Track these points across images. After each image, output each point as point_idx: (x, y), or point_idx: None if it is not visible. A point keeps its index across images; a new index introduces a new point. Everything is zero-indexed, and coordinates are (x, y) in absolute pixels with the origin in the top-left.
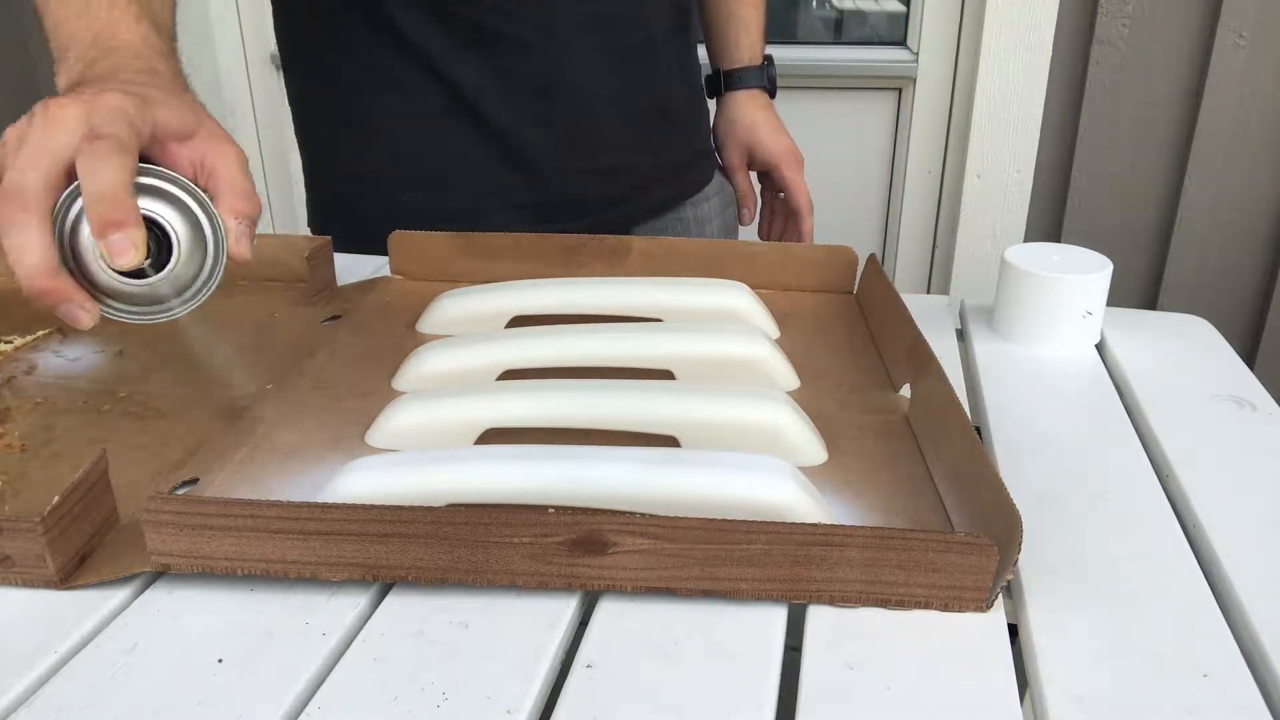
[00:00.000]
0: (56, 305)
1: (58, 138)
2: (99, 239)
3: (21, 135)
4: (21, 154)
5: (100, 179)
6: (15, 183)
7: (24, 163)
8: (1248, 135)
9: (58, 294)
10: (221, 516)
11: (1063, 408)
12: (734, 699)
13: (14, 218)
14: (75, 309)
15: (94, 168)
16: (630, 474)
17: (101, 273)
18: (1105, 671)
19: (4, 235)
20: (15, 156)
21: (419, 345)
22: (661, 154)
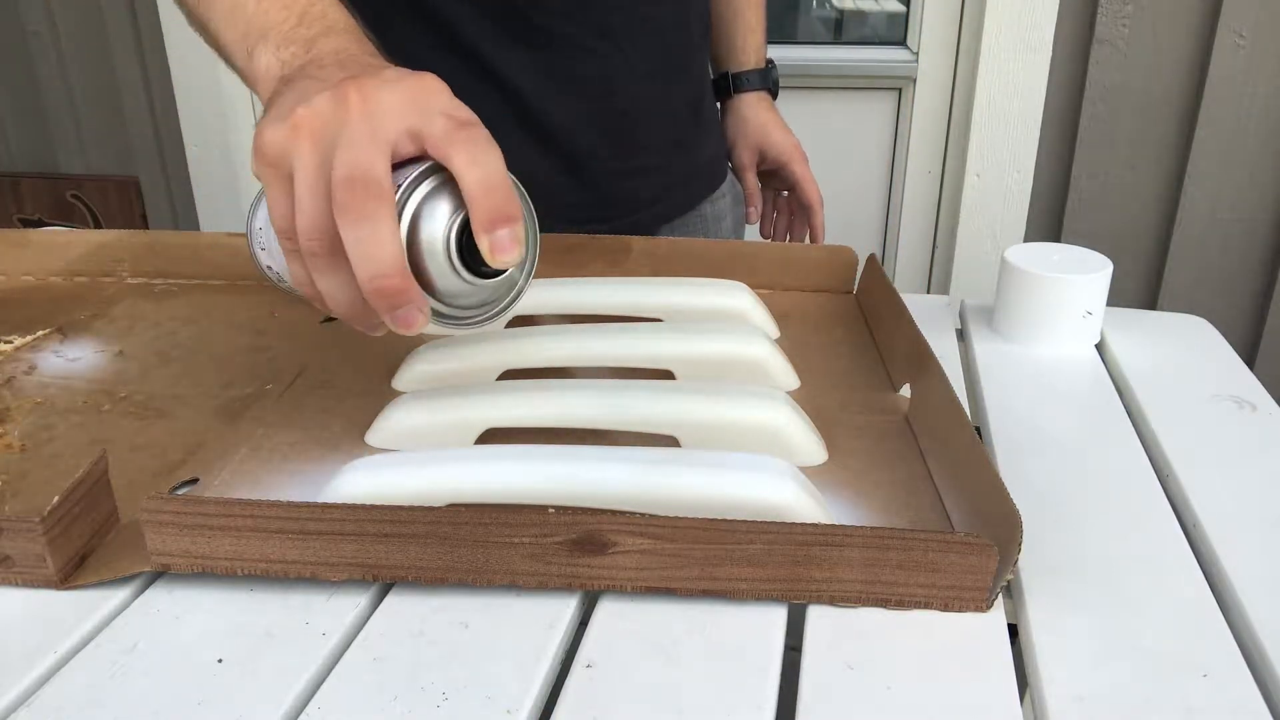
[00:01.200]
0: (396, 308)
1: (387, 125)
2: (484, 233)
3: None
4: (354, 142)
5: (488, 169)
6: (363, 169)
7: (363, 151)
8: (1248, 135)
9: (403, 295)
10: (221, 516)
11: (1063, 408)
12: (734, 699)
13: (368, 208)
14: (414, 312)
15: (478, 157)
16: (630, 474)
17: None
18: (1105, 671)
19: (353, 226)
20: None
21: (419, 345)
22: (691, 153)
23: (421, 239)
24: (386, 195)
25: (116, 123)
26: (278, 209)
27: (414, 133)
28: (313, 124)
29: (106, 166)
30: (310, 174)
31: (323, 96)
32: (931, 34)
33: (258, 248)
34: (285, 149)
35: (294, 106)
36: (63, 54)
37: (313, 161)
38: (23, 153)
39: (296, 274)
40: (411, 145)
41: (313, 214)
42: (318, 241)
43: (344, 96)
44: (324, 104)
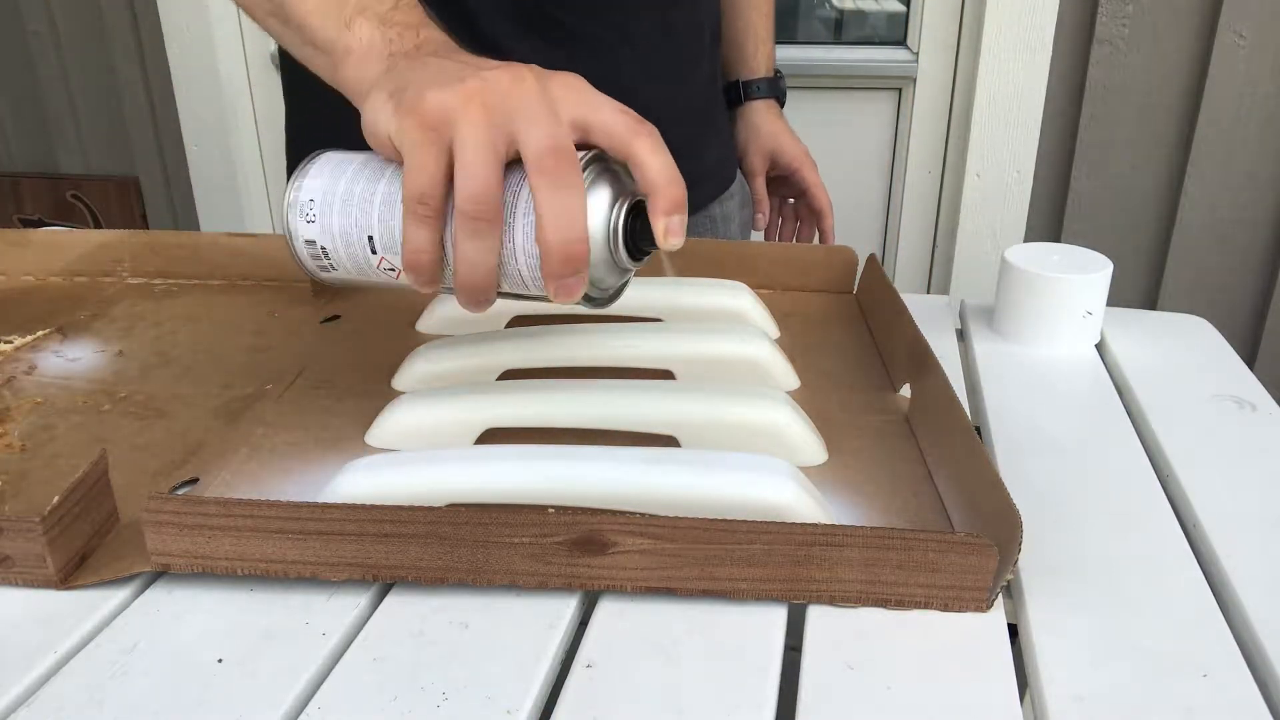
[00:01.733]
0: (573, 274)
1: (562, 111)
2: (662, 217)
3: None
4: (540, 116)
5: (668, 161)
6: (562, 141)
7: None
8: (1248, 135)
9: (583, 262)
10: (221, 516)
11: (1063, 408)
12: (734, 699)
13: (569, 177)
14: (580, 282)
15: (659, 149)
16: (630, 474)
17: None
18: (1105, 671)
19: (555, 191)
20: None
21: (419, 345)
22: (701, 155)
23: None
24: (579, 169)
25: (116, 123)
26: (424, 172)
27: (584, 123)
28: (488, 96)
29: (106, 166)
30: (482, 144)
31: (497, 72)
32: (931, 34)
33: (301, 219)
34: (452, 115)
35: (460, 78)
36: (63, 54)
37: (485, 129)
38: (23, 153)
39: (419, 240)
40: (575, 135)
41: (484, 178)
42: (484, 205)
43: (521, 77)
44: (502, 78)
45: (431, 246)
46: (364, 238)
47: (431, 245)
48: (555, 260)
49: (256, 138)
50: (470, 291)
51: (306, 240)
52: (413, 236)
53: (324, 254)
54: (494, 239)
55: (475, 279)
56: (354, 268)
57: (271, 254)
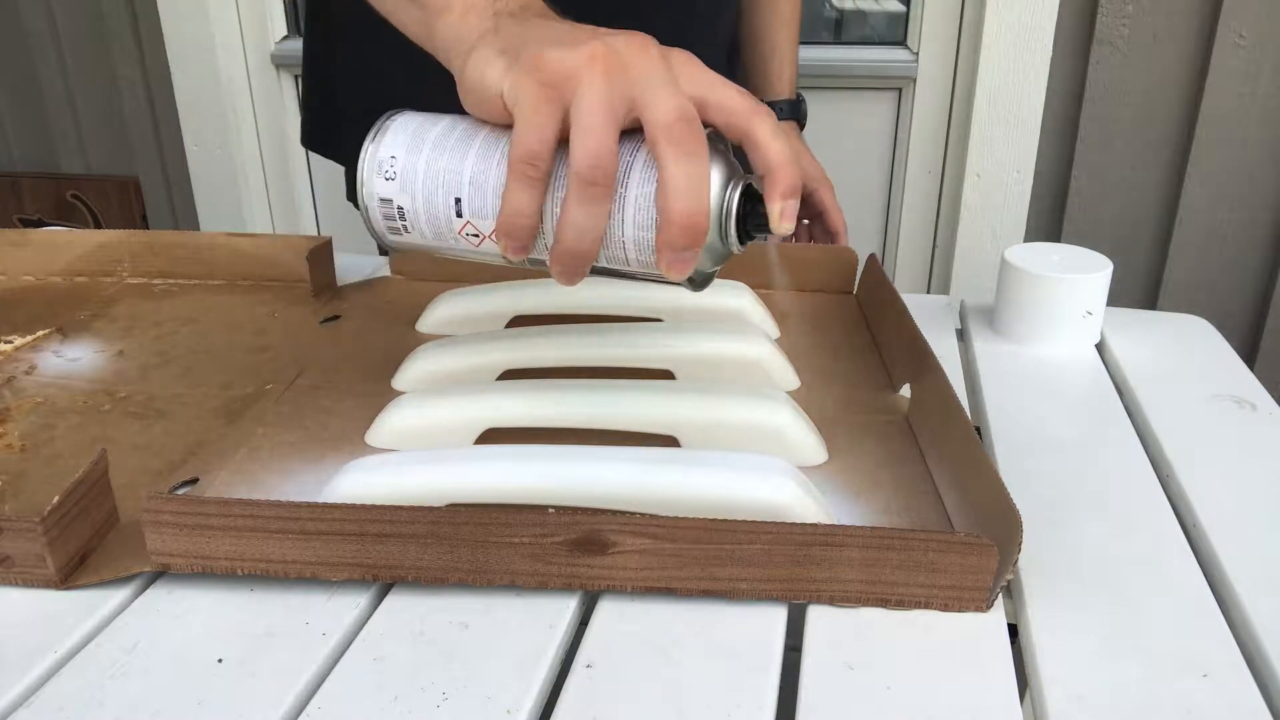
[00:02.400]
0: (691, 247)
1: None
2: (778, 200)
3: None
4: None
5: (785, 142)
6: (691, 112)
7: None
8: (1248, 135)
9: (702, 236)
10: (221, 516)
11: (1063, 408)
12: (734, 699)
13: (693, 145)
14: (694, 255)
15: (778, 130)
16: (630, 474)
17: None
18: (1105, 671)
19: (685, 160)
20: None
21: (419, 345)
22: None
23: None
24: (706, 142)
25: (116, 123)
26: (538, 132)
27: (699, 100)
28: (612, 60)
29: (106, 166)
30: (605, 104)
31: (620, 39)
32: (931, 34)
33: (379, 176)
34: (575, 74)
35: (582, 40)
36: (63, 54)
37: (610, 93)
38: (23, 153)
39: (521, 202)
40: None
41: (602, 142)
42: (601, 170)
43: (646, 44)
44: (627, 45)
45: (533, 210)
46: (450, 199)
47: (533, 209)
48: (676, 230)
49: (256, 138)
50: (569, 260)
51: (383, 199)
52: (515, 198)
53: (399, 214)
54: (605, 205)
55: (581, 247)
56: (431, 231)
57: (271, 254)
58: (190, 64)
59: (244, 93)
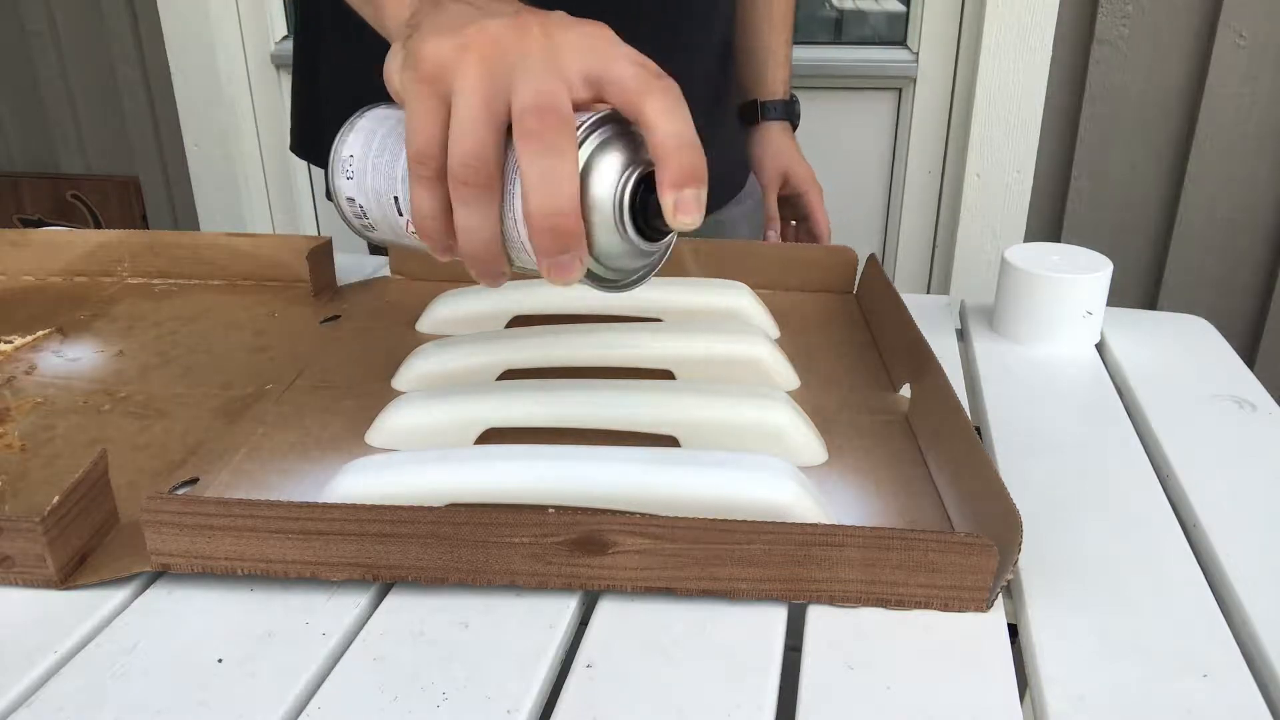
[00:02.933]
0: (562, 251)
1: (568, 64)
2: (671, 190)
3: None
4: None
5: (683, 124)
6: (554, 100)
7: (552, 82)
8: (1248, 135)
9: (574, 238)
10: (221, 516)
11: (1063, 408)
12: (734, 699)
13: (557, 141)
14: (575, 261)
15: (673, 110)
16: (630, 474)
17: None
18: (1105, 671)
19: (539, 155)
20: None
21: (419, 345)
22: (723, 153)
23: (591, 191)
24: (573, 131)
25: (116, 123)
26: (423, 130)
27: (593, 78)
28: (487, 48)
29: (106, 166)
30: (479, 97)
31: (500, 22)
32: (931, 34)
33: (343, 176)
34: (450, 66)
35: (463, 25)
36: (63, 54)
37: (483, 85)
38: (23, 153)
39: (425, 206)
40: (586, 91)
41: (477, 139)
42: (475, 170)
43: (525, 26)
44: (502, 29)
45: (435, 210)
46: (391, 199)
47: (435, 209)
48: (538, 234)
49: (256, 138)
50: (474, 263)
51: (348, 198)
52: (416, 200)
53: (363, 212)
54: (491, 206)
55: (475, 250)
56: (389, 229)
57: (271, 254)
58: (190, 64)
59: (244, 93)
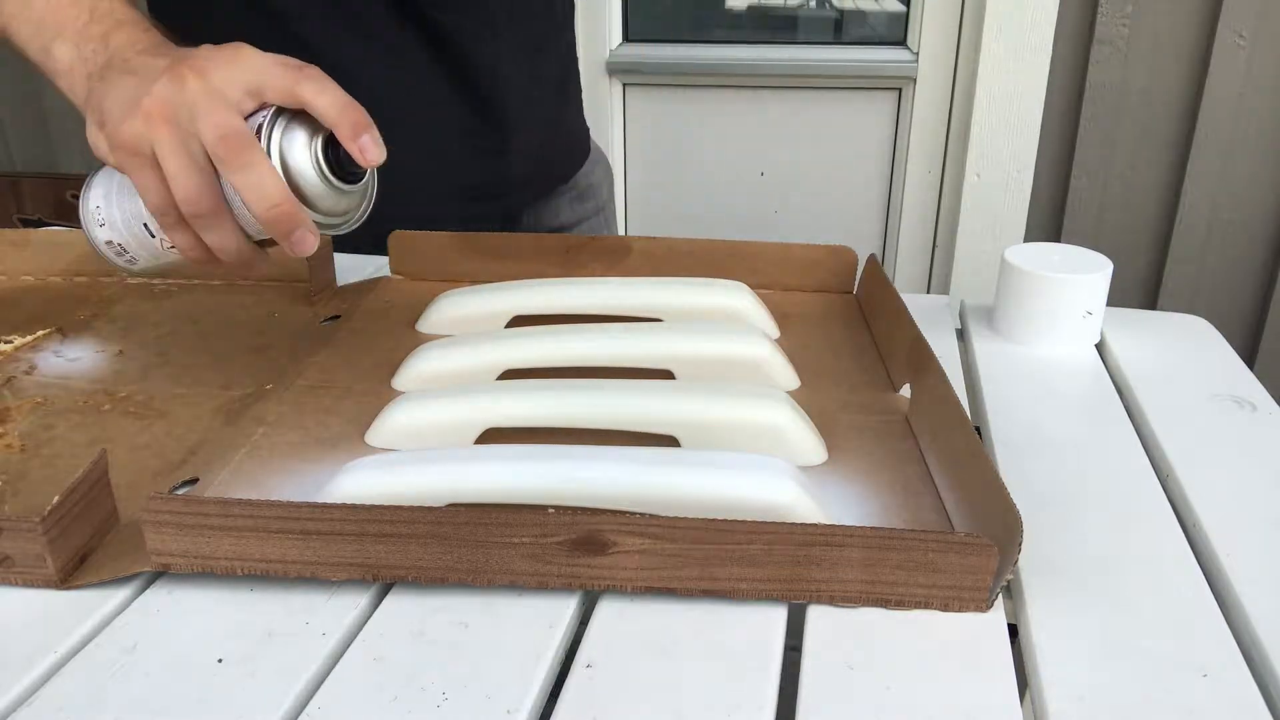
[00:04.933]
0: (291, 232)
1: (228, 90)
2: (352, 140)
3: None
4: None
5: (337, 92)
6: (230, 127)
7: (222, 113)
8: (1248, 135)
9: (295, 217)
10: (221, 516)
11: (1063, 408)
12: (734, 699)
13: (245, 156)
14: (306, 233)
15: (325, 85)
16: (630, 474)
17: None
18: (1105, 671)
19: (238, 173)
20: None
21: (419, 345)
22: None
23: (292, 169)
24: (255, 142)
25: None
26: (150, 191)
27: (253, 89)
28: (163, 109)
29: None
30: (176, 151)
31: (161, 84)
32: (931, 34)
33: (96, 225)
34: (144, 137)
35: (137, 100)
36: None
37: (174, 140)
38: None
39: (182, 242)
40: (251, 101)
41: (189, 183)
42: (199, 204)
43: (180, 77)
44: (166, 89)
45: (192, 242)
46: (141, 225)
47: (191, 241)
48: (269, 226)
49: None
50: (235, 266)
51: (106, 241)
52: (173, 240)
53: (123, 249)
54: (225, 224)
55: (231, 257)
56: (149, 255)
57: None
58: None
59: None
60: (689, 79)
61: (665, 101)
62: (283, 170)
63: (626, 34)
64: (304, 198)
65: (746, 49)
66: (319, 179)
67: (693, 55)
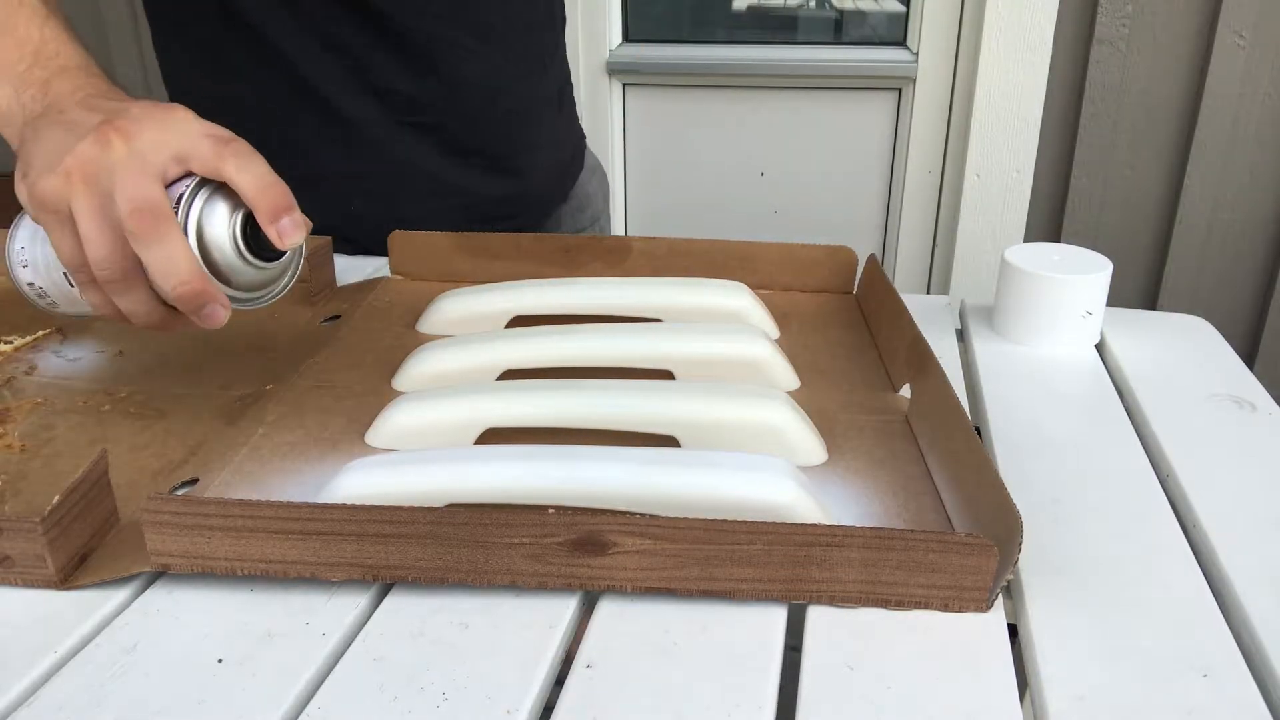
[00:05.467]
0: (201, 307)
1: (152, 157)
2: (270, 224)
3: (94, 163)
4: (127, 177)
5: (258, 171)
6: (145, 199)
7: (138, 183)
8: (1248, 135)
9: (205, 295)
10: (221, 516)
11: (1063, 408)
12: (734, 699)
13: (158, 231)
14: (217, 309)
15: (247, 164)
16: (630, 474)
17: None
18: (1105, 671)
19: (149, 248)
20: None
21: (419, 345)
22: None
23: (209, 243)
24: (170, 216)
25: None
26: (65, 248)
27: (179, 157)
28: (84, 170)
29: None
30: (93, 214)
31: (86, 143)
32: (931, 34)
33: (19, 266)
34: (62, 195)
35: (60, 156)
36: None
37: (92, 203)
38: None
39: (94, 300)
40: (177, 168)
41: (102, 247)
42: (111, 270)
43: (106, 139)
44: (90, 149)
45: (104, 301)
46: (60, 274)
47: (103, 300)
48: (178, 303)
49: None
50: (151, 327)
51: (28, 283)
52: (86, 297)
53: (45, 293)
54: (136, 290)
55: (142, 321)
56: (67, 302)
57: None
58: None
59: None
60: (689, 79)
61: (665, 101)
62: (199, 244)
63: (626, 34)
64: (220, 272)
65: (746, 49)
66: (236, 256)
67: (693, 55)
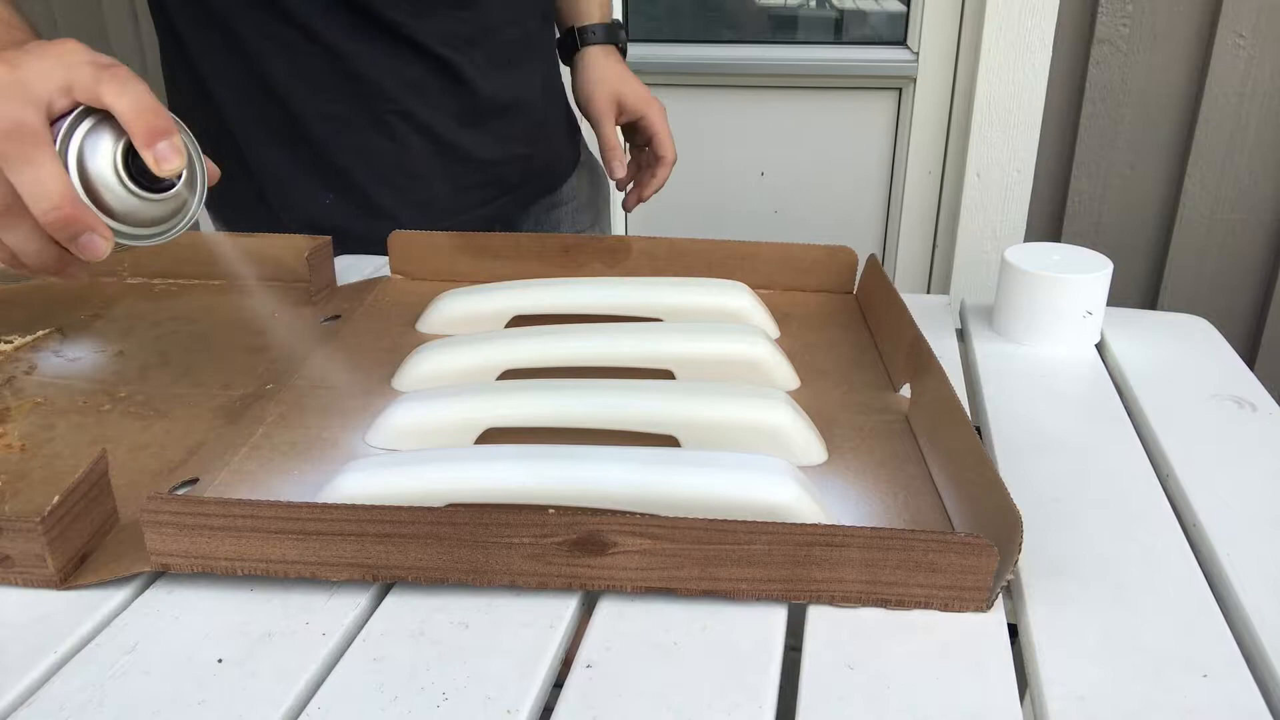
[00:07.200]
0: (77, 235)
1: (36, 85)
2: (147, 148)
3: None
4: (4, 103)
5: (136, 95)
6: (14, 122)
7: (12, 107)
8: (1248, 135)
9: (79, 222)
10: (221, 516)
11: (1063, 408)
12: (734, 699)
13: (24, 153)
14: (95, 237)
15: (126, 88)
16: (630, 474)
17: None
18: (1105, 671)
19: (19, 171)
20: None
21: (419, 345)
22: (549, 132)
23: (91, 171)
24: (42, 138)
25: None
26: None
27: (65, 87)
28: None
29: None
30: None
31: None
32: (931, 34)
33: None
34: None
35: None
36: None
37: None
38: None
39: None
40: (65, 100)
41: None
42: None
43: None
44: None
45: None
46: None
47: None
48: (50, 229)
49: None
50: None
51: None
52: None
53: None
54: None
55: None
56: None
57: (272, 254)
58: None
59: None
60: (689, 79)
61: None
62: (80, 174)
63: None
64: (104, 204)
65: (746, 48)
66: (119, 185)
67: (693, 55)
